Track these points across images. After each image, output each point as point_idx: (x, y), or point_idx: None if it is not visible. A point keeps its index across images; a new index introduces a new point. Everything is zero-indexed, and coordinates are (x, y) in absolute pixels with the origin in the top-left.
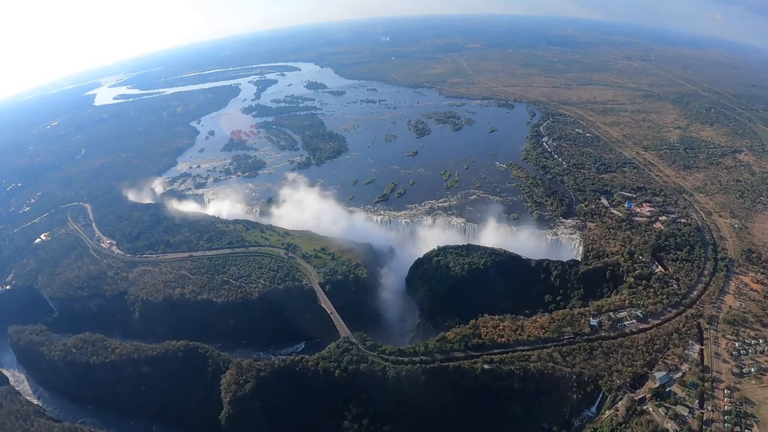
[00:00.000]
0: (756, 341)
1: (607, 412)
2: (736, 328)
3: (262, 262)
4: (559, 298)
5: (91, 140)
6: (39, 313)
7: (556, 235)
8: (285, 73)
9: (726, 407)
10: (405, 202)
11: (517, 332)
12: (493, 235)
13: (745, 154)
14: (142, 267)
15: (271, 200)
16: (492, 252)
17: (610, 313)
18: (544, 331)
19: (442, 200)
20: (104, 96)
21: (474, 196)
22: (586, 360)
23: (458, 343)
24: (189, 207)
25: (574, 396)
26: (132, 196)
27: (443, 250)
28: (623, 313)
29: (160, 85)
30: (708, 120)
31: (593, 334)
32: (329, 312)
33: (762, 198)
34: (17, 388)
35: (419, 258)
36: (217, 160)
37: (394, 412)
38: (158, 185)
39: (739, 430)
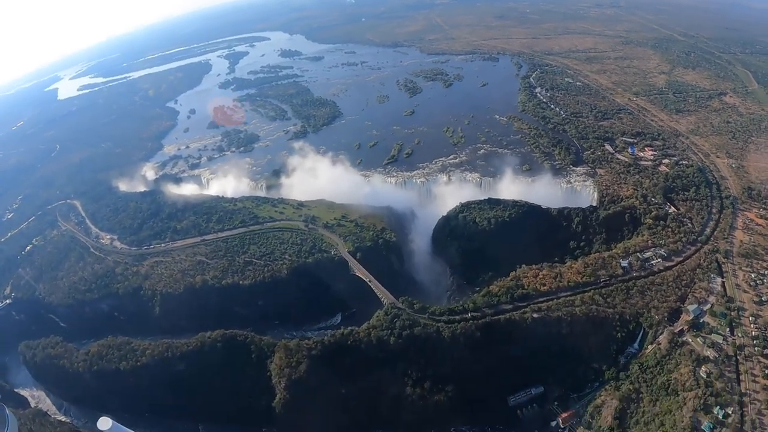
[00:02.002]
0: None
1: (650, 347)
2: (749, 260)
3: (282, 238)
4: (582, 243)
5: (64, 135)
6: (47, 324)
7: (570, 183)
8: (254, 44)
9: (753, 333)
10: (415, 161)
11: (557, 279)
12: (510, 188)
13: (731, 97)
14: (153, 258)
15: (277, 172)
16: (514, 204)
17: (638, 254)
18: (581, 276)
19: (452, 157)
20: (67, 89)
21: (482, 151)
22: (625, 300)
23: (504, 295)
24: (188, 189)
25: (618, 335)
26: (123, 186)
27: (466, 206)
28: (649, 253)
29: (124, 70)
30: (690, 64)
31: (626, 275)
32: (367, 280)
33: (753, 138)
34: (40, 408)
35: (444, 216)
36: (205, 138)
37: (454, 371)
38: (149, 171)
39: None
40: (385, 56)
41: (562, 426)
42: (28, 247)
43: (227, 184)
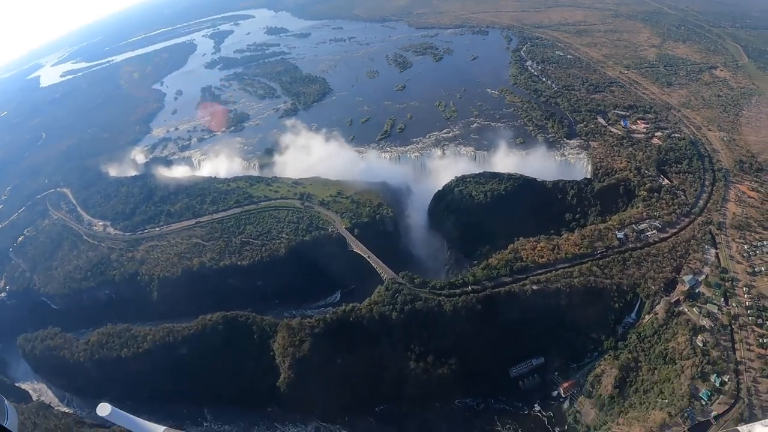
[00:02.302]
0: (762, 243)
1: (647, 317)
2: (742, 232)
3: (278, 216)
4: (578, 215)
5: (50, 123)
6: (44, 315)
7: (564, 155)
8: (239, 22)
9: (747, 303)
10: (408, 136)
11: (555, 251)
12: (504, 161)
13: (721, 70)
14: (148, 243)
15: (270, 151)
16: (509, 177)
17: (633, 226)
18: (578, 247)
19: (445, 131)
20: (50, 76)
21: (475, 124)
22: (622, 271)
23: (503, 268)
24: (180, 172)
25: (616, 305)
26: (113, 171)
27: (462, 180)
28: (644, 225)
29: (107, 54)
30: (680, 37)
31: (622, 247)
32: (366, 256)
33: (744, 112)
34: (42, 400)
35: (439, 190)
36: (194, 119)
37: (456, 344)
38: (139, 155)
39: (761, 321)
40: (373, 31)
41: (563, 396)
42: (20, 239)
43: (219, 164)
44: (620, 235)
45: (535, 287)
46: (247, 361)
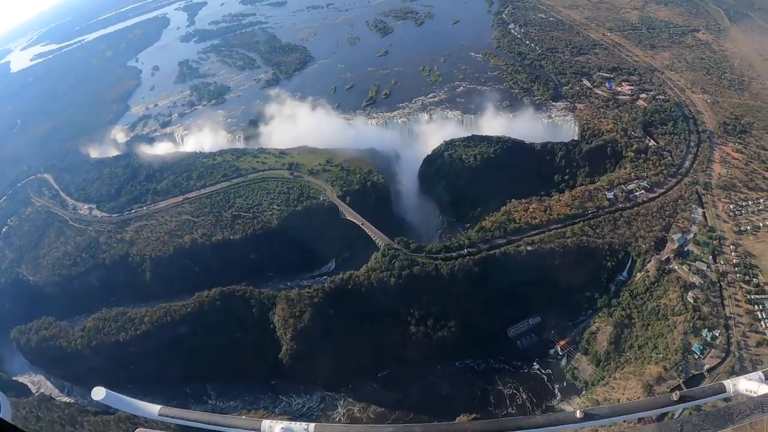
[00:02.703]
0: (746, 203)
1: (639, 275)
2: (727, 192)
3: (268, 188)
4: (567, 177)
5: (24, 108)
6: (35, 305)
7: (551, 118)
8: None
9: (734, 260)
10: (394, 102)
11: (547, 212)
12: (492, 124)
13: (703, 33)
14: (136, 223)
15: (254, 122)
16: (498, 140)
17: (622, 186)
18: (569, 208)
19: (431, 96)
20: (19, 60)
21: (461, 88)
22: (613, 230)
23: (497, 230)
24: (163, 148)
25: (608, 264)
26: (94, 152)
27: (451, 144)
28: (632, 185)
29: (78, 34)
30: (662, 0)
31: (612, 207)
32: (360, 223)
33: (726, 75)
34: (43, 392)
35: (429, 155)
36: (174, 94)
37: (455, 307)
38: (119, 134)
39: (748, 278)
40: None
41: (560, 353)
42: (4, 229)
43: (203, 138)
44: (610, 195)
45: (529, 248)
46: (247, 335)
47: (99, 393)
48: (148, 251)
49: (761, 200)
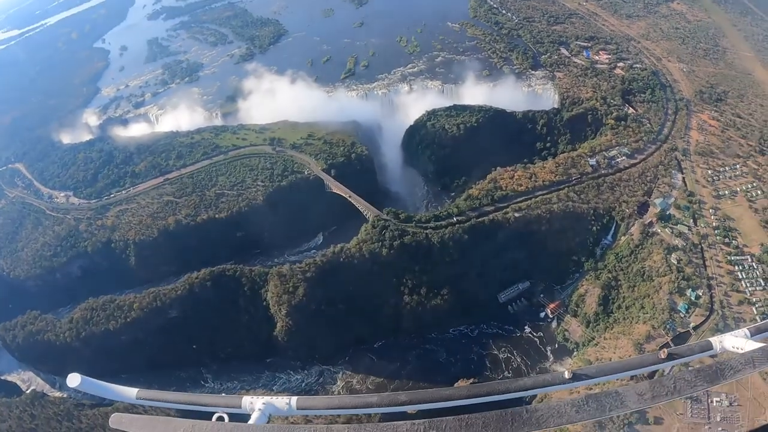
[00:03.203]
0: (723, 169)
1: (623, 238)
2: (705, 158)
3: (250, 164)
4: (548, 144)
5: None
6: (17, 300)
7: (531, 86)
8: None
9: (714, 223)
10: (373, 73)
11: (532, 179)
12: (473, 93)
13: (678, 3)
14: (116, 208)
15: (232, 98)
16: (480, 109)
17: (603, 153)
18: (554, 174)
19: (410, 66)
20: None
21: (440, 58)
22: (597, 195)
23: (485, 198)
24: (138, 130)
25: (594, 228)
26: (66, 138)
27: (433, 114)
28: (613, 152)
29: (39, 18)
30: None
31: (595, 173)
32: (347, 196)
33: (701, 44)
34: (34, 389)
35: (411, 125)
36: (145, 74)
37: (447, 275)
38: (91, 117)
39: (728, 240)
40: None
41: (550, 316)
42: None
43: (179, 117)
44: (592, 161)
45: (517, 215)
46: (240, 314)
47: (74, 380)
48: (131, 235)
49: (737, 166)
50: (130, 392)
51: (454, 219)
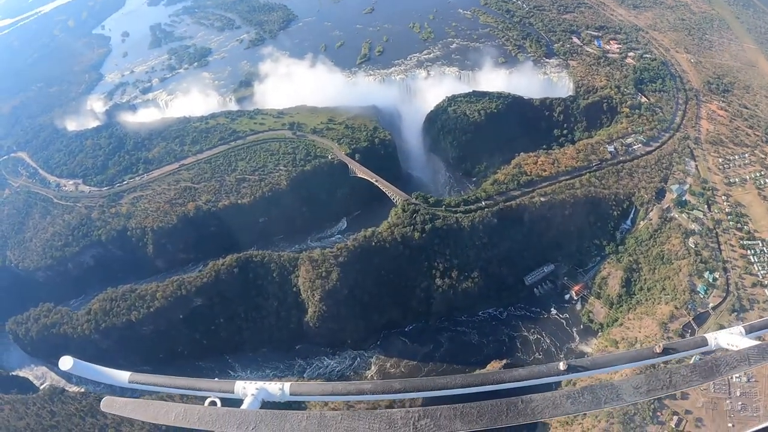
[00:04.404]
0: (733, 157)
1: (642, 223)
2: (716, 147)
3: (271, 149)
4: (565, 131)
5: None
6: (27, 293)
7: (546, 74)
8: None
9: (727, 209)
10: (389, 59)
11: (555, 165)
12: (490, 80)
13: None
14: (131, 195)
15: (246, 83)
16: (499, 96)
17: (621, 140)
18: (575, 160)
19: (425, 52)
20: None
21: (454, 45)
22: (617, 181)
23: (511, 182)
24: (148, 115)
25: (614, 213)
26: (72, 125)
27: (453, 100)
28: (630, 139)
29: (32, 7)
30: None
31: (614, 159)
32: (374, 180)
33: (707, 36)
34: (52, 385)
35: (431, 111)
36: (150, 59)
37: (476, 258)
38: (96, 103)
39: (740, 225)
40: None
41: (575, 298)
42: None
43: (191, 102)
44: (611, 148)
45: (542, 199)
46: (268, 301)
47: (66, 363)
48: (148, 223)
49: (746, 155)
50: (123, 376)
51: (483, 203)
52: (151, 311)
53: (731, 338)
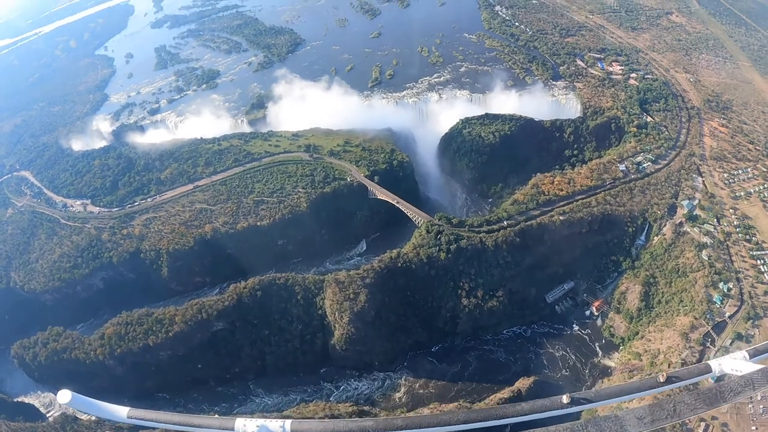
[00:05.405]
0: (737, 172)
1: (656, 238)
2: (720, 162)
3: (288, 171)
4: (576, 151)
5: None
6: (32, 316)
7: (554, 96)
8: None
9: (735, 222)
10: (400, 82)
11: (570, 184)
12: (500, 102)
13: (677, 16)
14: (143, 216)
15: (258, 105)
16: (510, 118)
17: (631, 159)
18: (590, 180)
19: (435, 76)
20: None
21: (463, 68)
22: (630, 199)
23: (530, 202)
24: (157, 136)
25: (630, 229)
26: (77, 145)
27: (467, 122)
28: (639, 158)
29: (32, 27)
30: None
31: (626, 178)
32: (395, 202)
33: (703, 55)
34: (64, 412)
35: (446, 133)
36: (156, 80)
37: (500, 277)
38: (103, 123)
39: (748, 237)
40: None
41: (595, 314)
42: None
43: (202, 124)
44: (622, 167)
45: (561, 218)
46: (293, 324)
47: (65, 396)
48: (163, 245)
49: (749, 169)
50: (122, 411)
51: (504, 223)
52: (170, 336)
53: (735, 363)
